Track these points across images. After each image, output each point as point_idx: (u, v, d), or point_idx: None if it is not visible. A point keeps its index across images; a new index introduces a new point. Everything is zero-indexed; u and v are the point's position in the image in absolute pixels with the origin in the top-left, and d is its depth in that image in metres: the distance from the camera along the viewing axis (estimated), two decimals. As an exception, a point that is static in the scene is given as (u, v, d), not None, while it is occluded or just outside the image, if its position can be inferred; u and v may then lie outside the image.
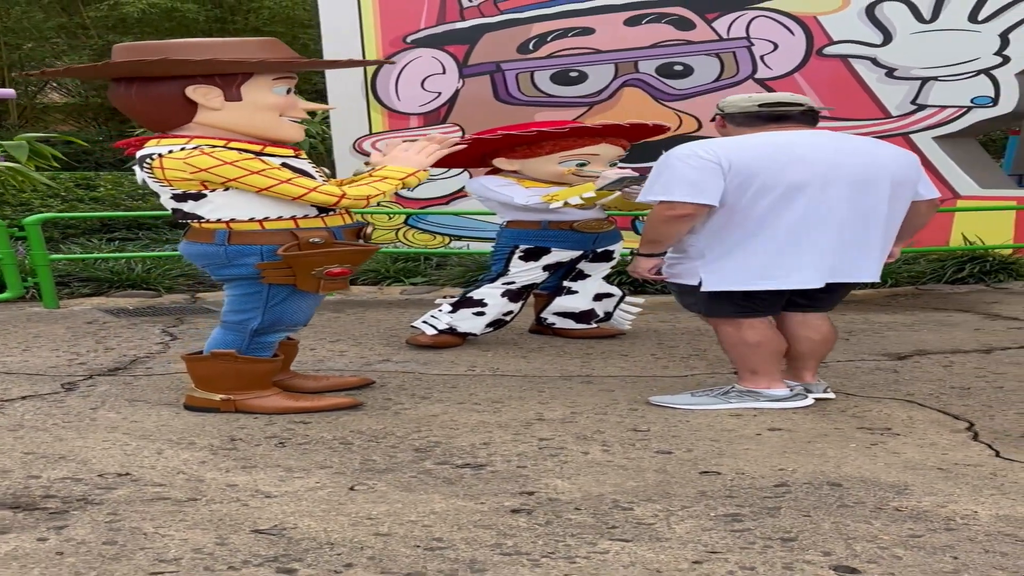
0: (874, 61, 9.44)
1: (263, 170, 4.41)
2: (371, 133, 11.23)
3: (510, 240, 6.26)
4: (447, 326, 6.16)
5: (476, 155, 6.31)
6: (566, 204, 5.86)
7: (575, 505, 3.48)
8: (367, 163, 4.90)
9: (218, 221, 4.51)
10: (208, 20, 21.80)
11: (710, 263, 4.67)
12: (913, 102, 9.34)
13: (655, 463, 3.94)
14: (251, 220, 4.50)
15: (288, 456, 4.03)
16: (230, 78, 4.46)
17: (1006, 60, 8.94)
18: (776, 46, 9.81)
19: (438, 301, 6.37)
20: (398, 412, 4.70)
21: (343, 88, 11.23)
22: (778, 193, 4.52)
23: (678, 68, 10.17)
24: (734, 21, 9.90)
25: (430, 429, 4.42)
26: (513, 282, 6.23)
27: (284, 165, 4.50)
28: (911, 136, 9.20)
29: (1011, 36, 8.89)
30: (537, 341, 6.40)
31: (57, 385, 5.18)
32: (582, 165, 6.06)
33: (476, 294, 6.23)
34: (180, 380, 5.23)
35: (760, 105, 4.72)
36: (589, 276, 6.50)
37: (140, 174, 4.58)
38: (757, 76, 9.86)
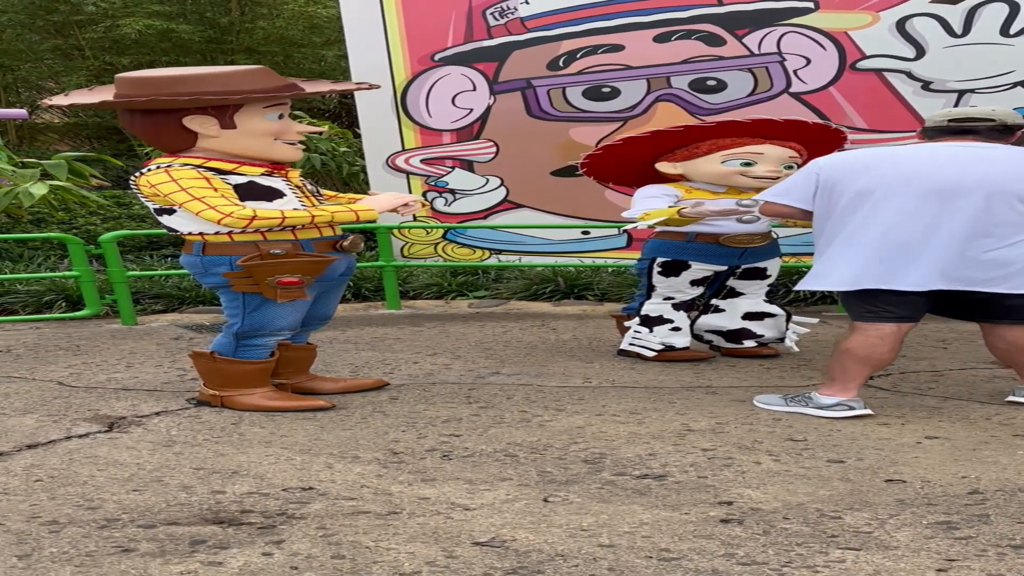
0: (909, 75, 9.47)
1: (204, 197, 4.57)
2: (404, 149, 11.19)
3: (651, 252, 6.06)
4: (660, 345, 6.08)
5: (634, 162, 6.10)
6: (650, 225, 5.71)
7: (781, 514, 3.42)
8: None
9: (198, 234, 4.74)
10: (203, 41, 21.58)
11: (823, 265, 4.78)
12: None
13: (834, 472, 3.90)
14: (218, 233, 4.72)
15: (461, 469, 3.96)
16: (222, 108, 4.66)
17: None
18: (808, 61, 9.82)
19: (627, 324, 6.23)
20: (542, 424, 4.65)
21: (373, 105, 11.19)
22: (876, 198, 4.63)
23: (711, 83, 10.17)
24: (764, 37, 9.91)
25: (586, 440, 4.36)
26: (672, 298, 6.07)
27: (250, 183, 4.69)
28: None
29: None
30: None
31: (182, 401, 5.11)
32: (747, 165, 5.80)
33: (651, 312, 6.10)
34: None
35: (949, 120, 4.82)
36: (742, 295, 6.20)
37: None
38: (792, 90, 9.88)
